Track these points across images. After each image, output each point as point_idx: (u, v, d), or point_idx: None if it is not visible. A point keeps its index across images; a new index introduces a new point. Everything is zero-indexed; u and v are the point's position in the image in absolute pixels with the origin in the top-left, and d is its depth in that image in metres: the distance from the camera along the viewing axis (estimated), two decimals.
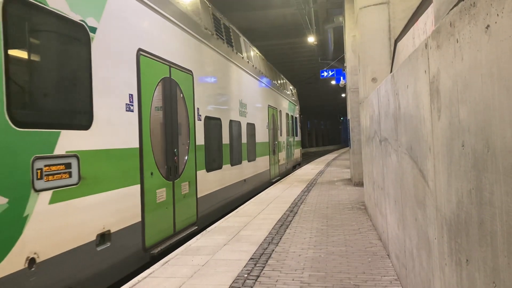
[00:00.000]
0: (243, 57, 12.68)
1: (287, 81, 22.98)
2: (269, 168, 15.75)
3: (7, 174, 3.54)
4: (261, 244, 6.21)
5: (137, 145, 5.73)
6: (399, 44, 7.48)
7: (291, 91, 23.65)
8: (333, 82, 27.87)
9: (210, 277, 4.81)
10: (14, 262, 3.55)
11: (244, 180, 12.11)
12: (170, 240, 6.63)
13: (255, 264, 5.22)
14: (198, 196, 8.02)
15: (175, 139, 7.12)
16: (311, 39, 22.21)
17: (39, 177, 3.88)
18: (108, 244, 4.97)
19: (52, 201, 4.06)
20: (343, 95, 36.42)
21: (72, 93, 4.50)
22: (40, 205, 3.89)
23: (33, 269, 3.75)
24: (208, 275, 4.90)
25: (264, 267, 5.12)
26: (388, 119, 4.66)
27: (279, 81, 19.47)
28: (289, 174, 19.44)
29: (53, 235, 4.06)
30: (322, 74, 23.60)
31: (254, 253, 5.75)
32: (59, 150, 4.17)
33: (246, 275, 4.81)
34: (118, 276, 5.21)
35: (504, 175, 1.56)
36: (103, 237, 4.90)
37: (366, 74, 8.45)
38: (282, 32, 25.92)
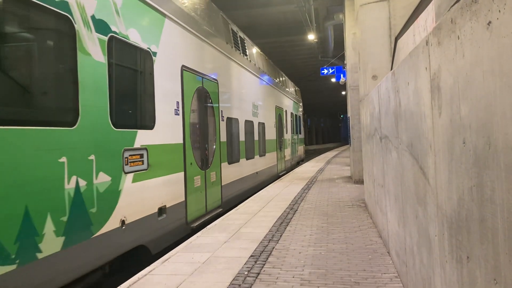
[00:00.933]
0: (255, 64, 14.22)
1: (291, 82, 24.47)
2: (276, 163, 17.25)
3: (110, 160, 5.08)
4: (261, 242, 6.22)
5: (181, 141, 7.32)
6: (400, 41, 7.47)
7: (295, 91, 25.06)
8: (333, 80, 27.85)
9: (211, 275, 4.81)
10: (114, 222, 5.13)
11: (256, 172, 13.66)
12: (203, 218, 8.18)
13: (255, 262, 5.23)
14: (222, 184, 9.67)
15: (205, 136, 8.75)
16: (311, 37, 22.17)
17: (126, 163, 5.43)
18: (164, 215, 6.52)
19: (133, 181, 5.61)
20: (343, 92, 36.44)
21: (145, 102, 6.17)
22: (127, 183, 5.44)
23: (123, 227, 5.34)
24: (209, 272, 4.90)
25: (264, 264, 5.12)
26: (388, 116, 4.65)
27: (284, 83, 20.91)
28: (294, 169, 20.62)
29: (134, 206, 5.60)
30: (322, 71, 23.56)
31: (255, 250, 5.76)
32: (136, 144, 5.74)
33: (246, 273, 4.82)
34: (170, 242, 6.76)
35: (505, 172, 1.56)
36: (161, 210, 6.44)
37: (367, 72, 8.44)
38: (282, 29, 25.87)
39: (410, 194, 3.52)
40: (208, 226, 7.50)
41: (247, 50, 13.29)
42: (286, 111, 20.26)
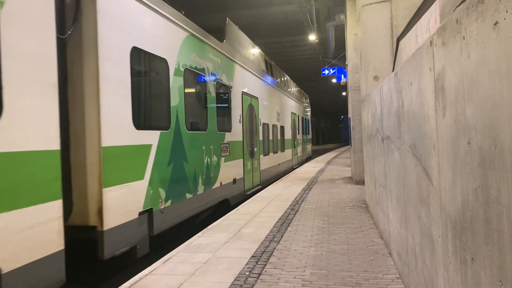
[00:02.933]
0: (277, 81, 18.19)
1: (302, 91, 29.18)
2: (291, 158, 21.45)
3: (217, 149, 9.19)
4: (262, 242, 6.21)
5: (241, 139, 11.41)
6: (402, 42, 7.46)
7: (305, 98, 29.39)
8: (334, 80, 27.83)
9: (212, 275, 4.80)
10: (218, 183, 9.17)
11: (279, 164, 17.75)
12: (251, 190, 12.29)
13: (256, 262, 5.22)
14: (260, 169, 13.92)
15: (252, 136, 12.90)
16: (312, 37, 22.18)
17: (221, 151, 9.58)
18: (235, 184, 10.72)
19: (224, 161, 9.75)
20: (344, 93, 36.37)
21: (229, 116, 10.34)
22: (222, 162, 9.56)
23: (221, 187, 9.40)
24: (210, 272, 4.89)
25: (265, 265, 5.11)
26: (390, 117, 4.64)
27: (297, 93, 25.41)
28: (303, 164, 24.99)
29: (224, 176, 9.70)
30: (323, 72, 23.58)
31: (256, 251, 5.75)
32: (225, 140, 9.92)
33: (247, 273, 4.81)
34: (237, 200, 10.85)
35: (511, 173, 1.55)
36: (234, 180, 10.58)
37: (368, 72, 8.43)
38: (283, 30, 25.86)
39: (413, 195, 3.51)
40: (209, 226, 7.50)
41: (273, 73, 17.52)
42: (298, 115, 24.41)
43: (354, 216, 8.03)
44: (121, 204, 5.45)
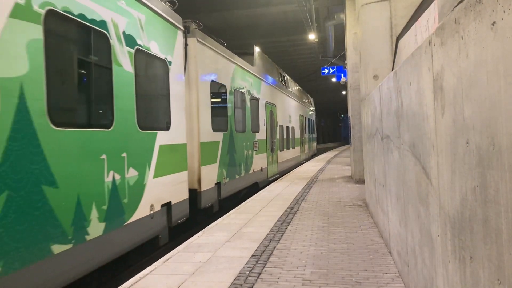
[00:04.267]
0: (290, 90, 22.36)
1: (309, 95, 33.15)
2: (300, 154, 25.12)
3: (251, 145, 12.97)
4: (262, 241, 6.22)
5: (265, 138, 14.70)
6: (401, 41, 7.46)
7: (310, 102, 33.27)
8: (334, 80, 27.82)
9: (212, 274, 4.81)
10: (251, 170, 12.99)
11: (291, 158, 21.44)
12: (272, 177, 15.73)
13: (256, 261, 5.23)
14: (278, 162, 17.58)
15: (272, 135, 16.35)
16: (312, 37, 22.16)
17: (254, 147, 13.32)
18: (261, 172, 14.27)
19: (255, 154, 13.53)
20: (344, 92, 36.40)
21: (258, 120, 14.18)
22: (254, 155, 13.37)
23: (253, 172, 13.22)
24: (210, 272, 4.90)
25: (265, 264, 5.12)
26: (390, 116, 4.65)
27: (305, 97, 29.76)
28: (310, 159, 28.99)
29: (255, 165, 13.42)
30: (323, 71, 23.57)
31: (256, 250, 5.76)
32: (256, 139, 13.67)
33: (248, 272, 4.82)
34: (263, 184, 14.30)
35: (509, 172, 1.56)
36: (261, 169, 14.14)
37: (368, 72, 8.43)
38: (282, 29, 25.84)
39: (412, 194, 3.52)
40: (209, 226, 7.51)
41: (286, 83, 21.48)
42: (305, 117, 28.35)
43: (354, 215, 8.04)
44: (208, 177, 9.14)
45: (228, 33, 23.61)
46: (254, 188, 13.29)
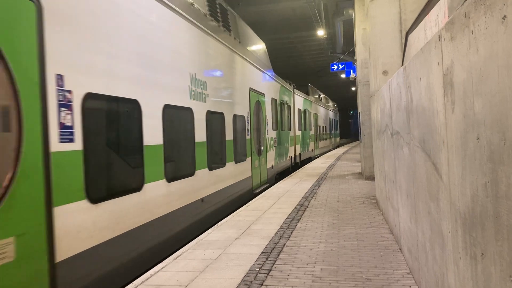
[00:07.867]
0: (322, 101, 32.45)
1: (332, 102, 43.70)
2: (329, 144, 35.90)
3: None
4: (272, 238, 6.23)
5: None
6: (410, 36, 7.39)
7: (334, 105, 44.13)
8: (343, 76, 27.70)
9: (222, 271, 4.83)
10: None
11: (325, 146, 30.32)
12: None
13: (266, 258, 5.24)
14: (319, 147, 29.52)
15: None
16: (321, 33, 22.07)
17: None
18: (313, 151, 26.87)
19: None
20: (353, 88, 36.29)
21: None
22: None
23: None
24: (220, 269, 4.93)
25: (275, 261, 5.13)
26: (400, 112, 4.62)
27: (331, 104, 40.64)
28: (336, 148, 41.05)
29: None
30: (332, 67, 23.51)
31: (266, 247, 5.77)
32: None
33: (258, 269, 4.83)
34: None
35: None
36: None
37: (377, 67, 8.38)
38: (291, 25, 25.78)
39: (423, 190, 3.50)
40: (219, 223, 7.53)
41: (321, 98, 31.37)
42: (332, 119, 39.27)
43: (364, 211, 8.01)
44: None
45: None
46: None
